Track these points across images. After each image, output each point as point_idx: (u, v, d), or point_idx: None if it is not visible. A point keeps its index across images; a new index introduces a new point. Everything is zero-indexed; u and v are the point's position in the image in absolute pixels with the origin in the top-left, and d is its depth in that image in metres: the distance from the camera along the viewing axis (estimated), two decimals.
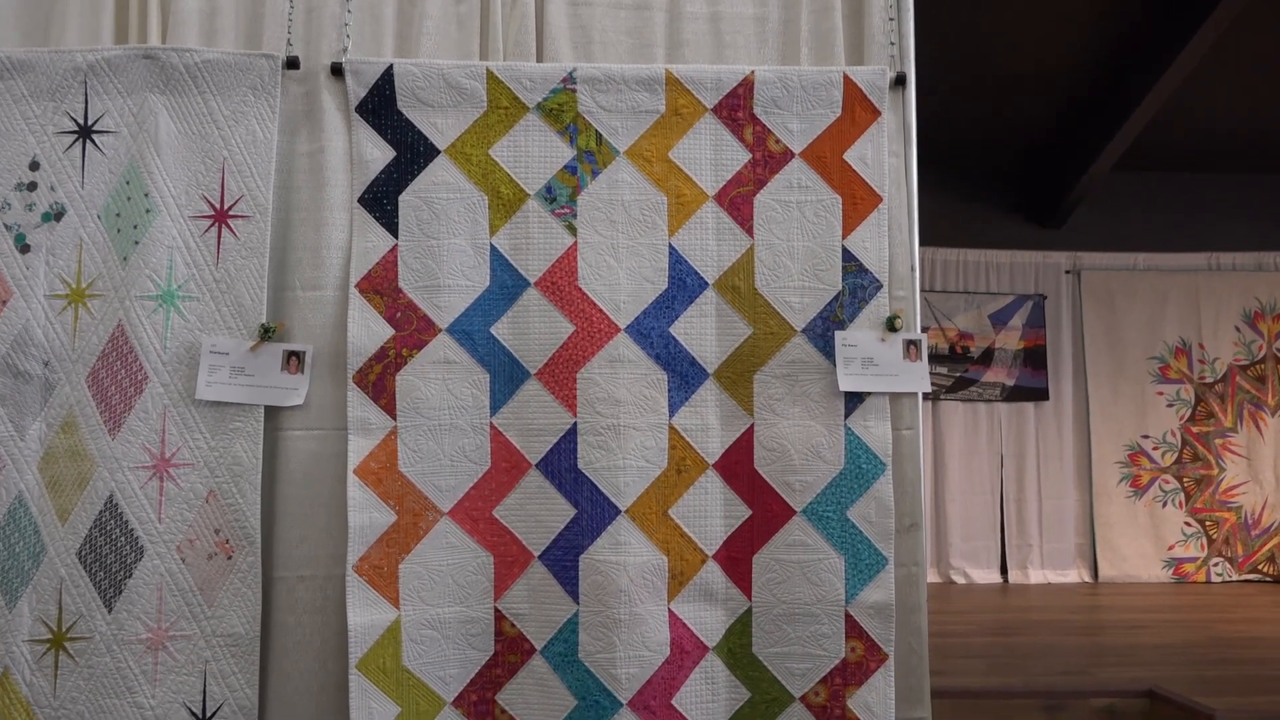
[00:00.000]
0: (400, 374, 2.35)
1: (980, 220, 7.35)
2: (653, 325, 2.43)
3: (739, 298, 2.45)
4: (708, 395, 2.43)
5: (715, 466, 2.44)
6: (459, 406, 2.37)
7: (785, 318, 2.46)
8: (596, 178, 2.43)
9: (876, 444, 2.42)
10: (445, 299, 2.38)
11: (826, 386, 2.43)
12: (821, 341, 2.44)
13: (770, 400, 2.43)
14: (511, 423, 2.40)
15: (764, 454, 2.43)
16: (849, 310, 2.46)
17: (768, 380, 2.44)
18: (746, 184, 2.47)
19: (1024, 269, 7.31)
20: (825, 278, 2.46)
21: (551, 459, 2.39)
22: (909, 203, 2.51)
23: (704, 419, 2.43)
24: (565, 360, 2.40)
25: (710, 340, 2.44)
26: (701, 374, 2.44)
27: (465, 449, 2.38)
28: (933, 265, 7.21)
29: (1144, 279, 7.23)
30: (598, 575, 2.34)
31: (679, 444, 2.43)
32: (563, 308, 2.40)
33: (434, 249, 2.37)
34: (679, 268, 2.43)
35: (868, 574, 2.39)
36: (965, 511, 7.09)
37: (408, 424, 2.35)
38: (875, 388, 2.41)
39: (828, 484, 2.41)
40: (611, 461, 2.37)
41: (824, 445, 2.41)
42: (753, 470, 2.44)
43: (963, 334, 7.20)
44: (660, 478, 2.41)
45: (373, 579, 2.30)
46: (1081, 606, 6.03)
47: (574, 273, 2.41)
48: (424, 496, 2.35)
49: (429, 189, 2.39)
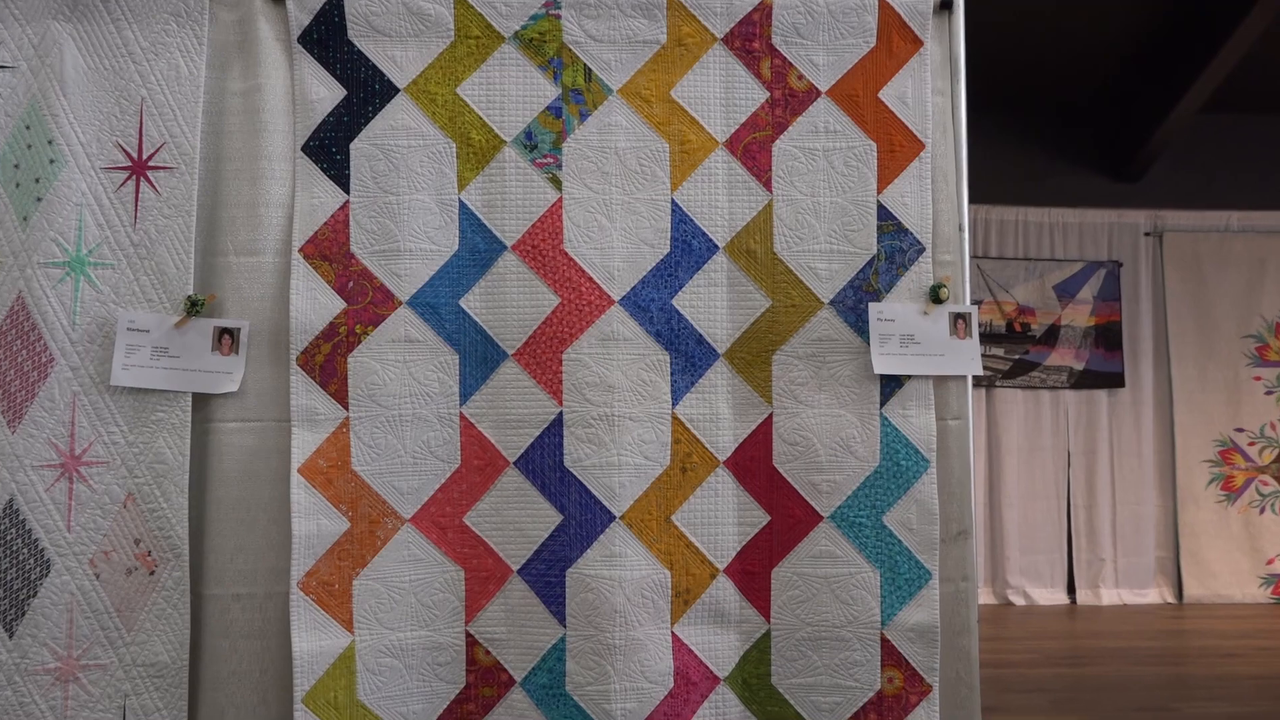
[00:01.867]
0: (353, 355, 2.35)
1: (1043, 173, 7.28)
2: (652, 296, 2.42)
3: (755, 264, 2.45)
4: (718, 379, 2.43)
5: (727, 464, 2.44)
6: (423, 393, 2.37)
7: (810, 287, 2.45)
8: (585, 121, 2.40)
9: (918, 437, 2.41)
10: (406, 266, 2.37)
11: (859, 369, 2.42)
12: (853, 315, 2.43)
13: (792, 385, 2.43)
14: (485, 413, 2.39)
15: (785, 449, 2.43)
16: (885, 278, 2.44)
17: (789, 361, 2.44)
18: (763, 128, 2.44)
19: (1095, 231, 7.29)
20: (857, 239, 2.44)
21: (533, 456, 2.38)
22: (957, 150, 2.49)
23: (713, 408, 2.43)
24: (549, 338, 2.39)
25: (721, 314, 2.44)
26: (710, 354, 2.44)
27: (430, 444, 2.38)
28: (986, 226, 7.19)
29: (1238, 242, 7.18)
30: (588, 593, 2.34)
31: (684, 437, 2.42)
32: (545, 276, 2.39)
33: (392, 206, 2.36)
34: (683, 228, 2.42)
35: (908, 591, 2.38)
36: (1025, 519, 7.06)
37: (362, 414, 2.35)
38: (917, 370, 2.40)
39: (860, 484, 2.41)
40: (604, 458, 2.37)
41: (856, 438, 2.40)
42: (771, 468, 2.44)
43: (1022, 308, 7.18)
44: (661, 478, 2.41)
45: (322, 598, 2.29)
46: (1163, 631, 6.02)
47: (559, 234, 2.40)
48: (382, 500, 2.35)
49: (386, 135, 2.37)
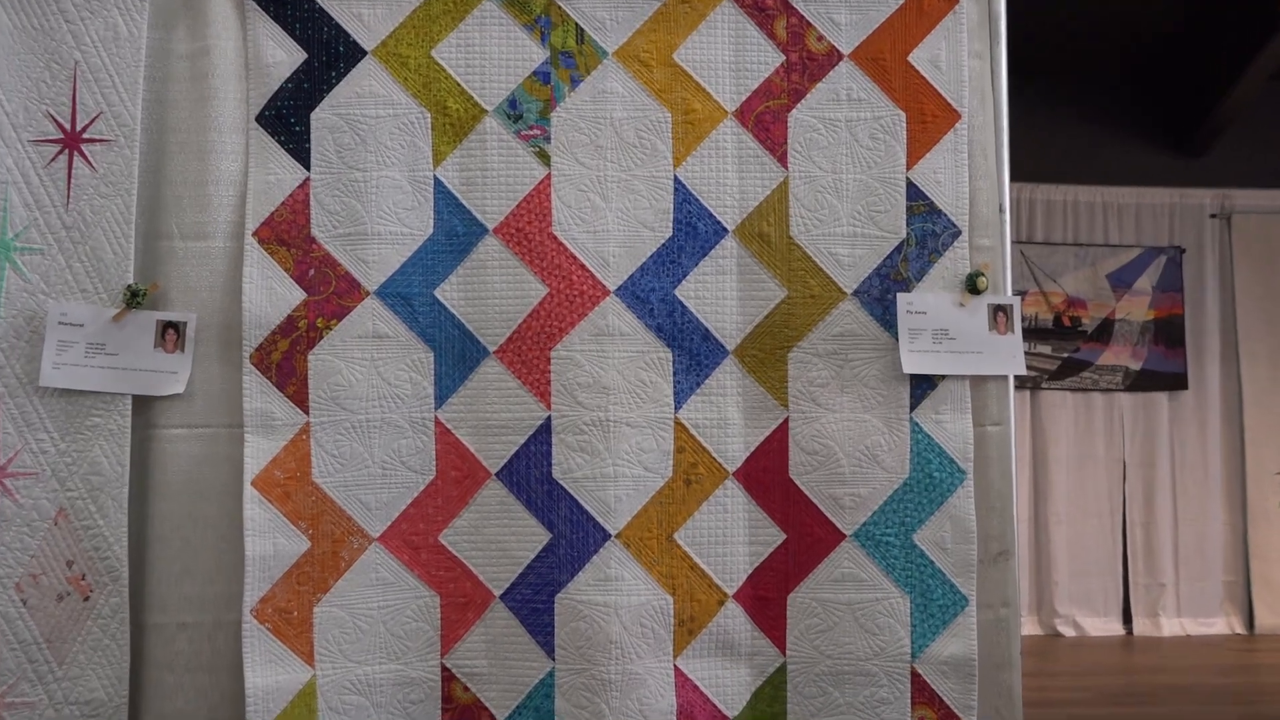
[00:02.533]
0: (314, 352, 2.37)
1: (1095, 147, 7.32)
2: (653, 286, 2.44)
3: (768, 249, 2.47)
4: (726, 380, 2.45)
5: (736, 475, 2.46)
6: (393, 396, 2.39)
7: (830, 276, 2.47)
8: (577, 88, 2.43)
9: (953, 445, 2.43)
10: (374, 251, 2.39)
11: (886, 367, 2.44)
12: (879, 308, 2.46)
13: (810, 386, 2.45)
14: (464, 418, 2.41)
15: (802, 459, 2.45)
16: (916, 265, 2.47)
17: (807, 359, 2.46)
18: (778, 96, 2.47)
19: (1154, 212, 7.33)
20: (884, 222, 2.47)
21: (517, 466, 2.41)
22: (996, 121, 2.50)
23: (721, 412, 2.45)
24: (535, 333, 2.41)
25: (730, 306, 2.46)
26: (718, 351, 2.46)
27: (402, 453, 2.40)
28: (1030, 207, 7.23)
29: None
30: (580, 621, 2.36)
31: (688, 445, 2.45)
32: (532, 263, 2.41)
33: (358, 184, 2.38)
34: (687, 209, 2.44)
35: (941, 619, 2.40)
36: (1075, 538, 7.09)
37: (324, 419, 2.36)
38: (951, 369, 2.42)
39: (888, 498, 2.43)
40: (597, 469, 2.39)
41: (882, 447, 2.42)
42: (787, 480, 2.46)
43: (1072, 300, 7.22)
44: (663, 491, 2.43)
45: (278, 627, 2.31)
46: (1232, 666, 6.05)
47: (547, 215, 2.41)
48: (347, 516, 2.37)
49: (351, 104, 2.39)
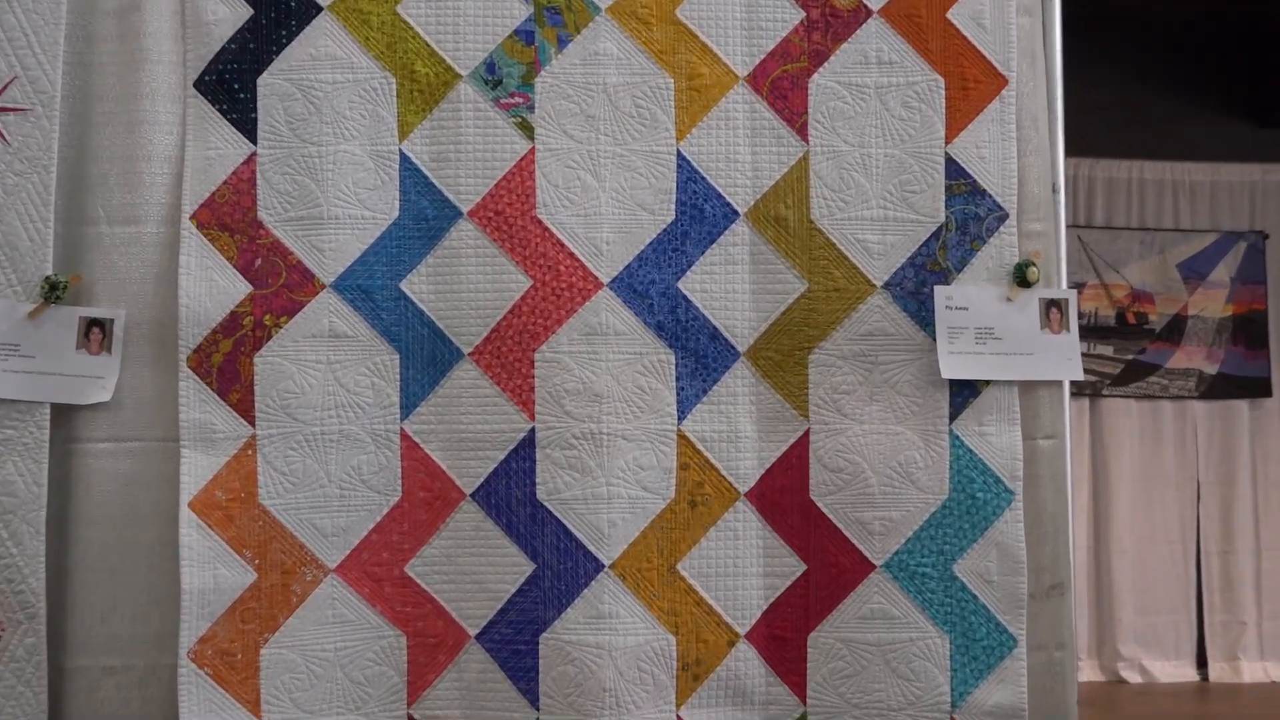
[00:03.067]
0: (261, 354, 2.32)
1: (1163, 116, 7.13)
2: (652, 278, 2.39)
3: (786, 235, 2.41)
4: (738, 386, 2.41)
5: (749, 497, 2.41)
6: (353, 404, 2.35)
7: (858, 265, 2.41)
8: (565, 49, 2.38)
9: (999, 461, 2.38)
10: (331, 238, 2.34)
11: (921, 372, 2.40)
12: (914, 303, 2.40)
13: (834, 394, 2.40)
14: (434, 430, 2.37)
15: (825, 477, 2.40)
16: (956, 254, 2.41)
17: (831, 362, 2.41)
18: (797, 58, 2.42)
19: (1233, 192, 7.15)
20: (919, 204, 2.42)
21: (496, 486, 2.37)
22: (1049, 88, 2.46)
23: (732, 423, 2.41)
24: (517, 332, 2.37)
25: (742, 301, 2.42)
26: (728, 353, 2.42)
27: (362, 470, 2.35)
28: (1089, 185, 7.05)
29: None
30: (568, 665, 2.32)
31: (693, 462, 2.40)
32: (512, 251, 2.37)
33: (312, 160, 2.34)
34: (693, 189, 2.39)
35: (986, 662, 2.37)
36: (1140, 569, 6.92)
37: (273, 432, 2.32)
38: (997, 373, 2.37)
39: (924, 523, 2.39)
40: (589, 489, 2.35)
41: (918, 463, 2.38)
42: (807, 502, 2.41)
43: (1137, 293, 7.05)
44: (664, 514, 2.39)
45: (220, 671, 2.27)
46: None
47: (530, 197, 2.37)
48: (299, 544, 2.32)
49: (305, 67, 2.34)
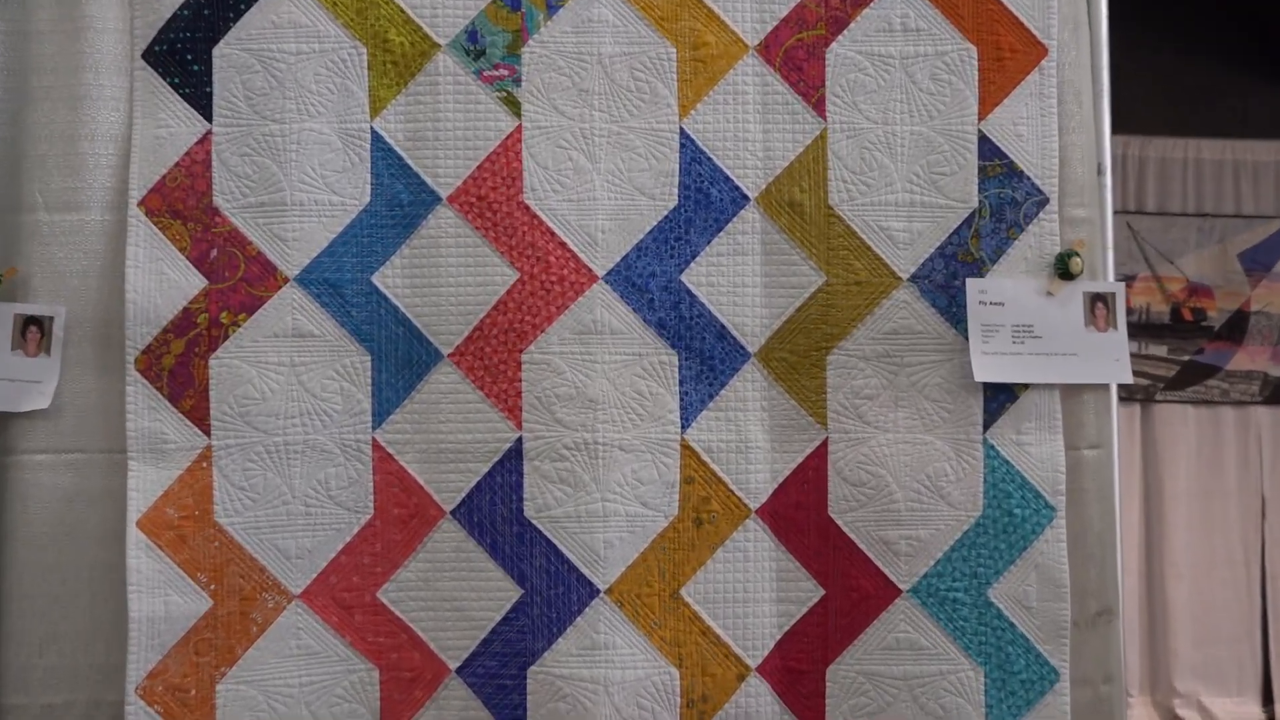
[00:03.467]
0: (218, 356, 2.24)
1: (1222, 89, 7.08)
2: (653, 270, 2.31)
3: (802, 222, 2.32)
4: (748, 390, 2.33)
5: (761, 514, 2.31)
6: (319, 412, 2.26)
7: (881, 256, 2.32)
8: (555, 15, 2.31)
9: (1039, 474, 2.30)
10: (295, 226, 2.26)
11: (953, 374, 2.31)
12: (943, 297, 2.31)
13: (856, 399, 2.31)
14: (410, 440, 2.28)
15: (846, 492, 2.31)
16: (991, 242, 2.32)
17: (852, 364, 2.32)
18: (813, 25, 2.34)
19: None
20: (950, 187, 2.32)
21: (478, 502, 2.28)
22: (1094, 58, 2.40)
23: (742, 432, 2.32)
24: (502, 331, 2.28)
25: (752, 295, 2.33)
26: (737, 354, 2.33)
27: (330, 485, 2.26)
28: (1139, 167, 6.90)
29: None
30: (559, 702, 2.25)
31: (699, 475, 2.31)
32: (497, 241, 2.28)
33: (275, 140, 2.27)
34: (698, 170, 2.31)
35: (1025, 697, 2.29)
36: (1199, 594, 6.72)
37: (231, 442, 2.24)
38: (1037, 376, 2.29)
39: (955, 543, 2.30)
40: (583, 506, 2.27)
41: (949, 477, 2.29)
42: (826, 520, 2.31)
43: (1194, 286, 6.84)
44: (666, 534, 2.30)
45: (171, 709, 2.20)
46: None
47: (517, 180, 2.29)
48: (260, 567, 2.25)
49: (266, 36, 2.28)
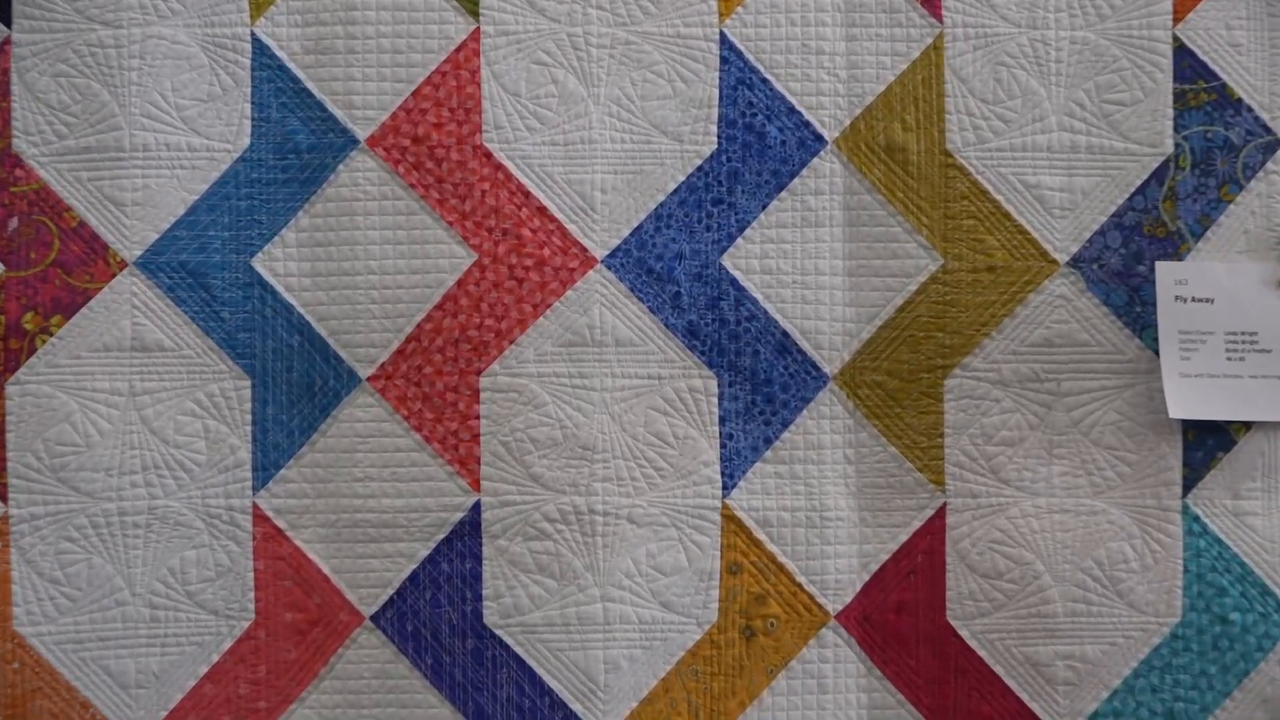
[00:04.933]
0: (18, 380, 1.86)
1: None
2: (680, 250, 1.86)
3: (905, 177, 1.86)
4: (825, 432, 1.86)
5: (845, 619, 1.85)
6: (172, 464, 1.84)
7: (1026, 228, 1.86)
8: None
9: (1269, 559, 1.91)
10: (137, 184, 1.86)
11: (1135, 407, 1.87)
12: (1121, 289, 1.85)
13: (989, 446, 1.86)
14: (310, 508, 1.84)
15: (974, 587, 1.84)
16: (1193, 208, 1.89)
17: (983, 393, 1.86)
18: None
19: None
20: (1131, 124, 1.87)
21: (414, 603, 1.83)
22: None
23: (815, 495, 1.85)
24: (450, 342, 1.84)
25: (831, 289, 1.86)
26: (809, 376, 1.87)
27: (189, 576, 1.84)
28: None
29: None
30: None
31: (751, 561, 1.85)
32: (443, 205, 1.85)
33: (106, 53, 1.90)
34: (748, 98, 1.87)
35: None
36: None
37: (39, 511, 1.85)
38: (1266, 412, 1.88)
39: (1141, 664, 1.86)
40: (573, 608, 1.84)
41: (1130, 563, 1.84)
42: (943, 629, 1.85)
43: None
44: (701, 650, 1.83)
45: None
46: None
47: (473, 112, 1.86)
48: (82, 702, 1.89)
49: None
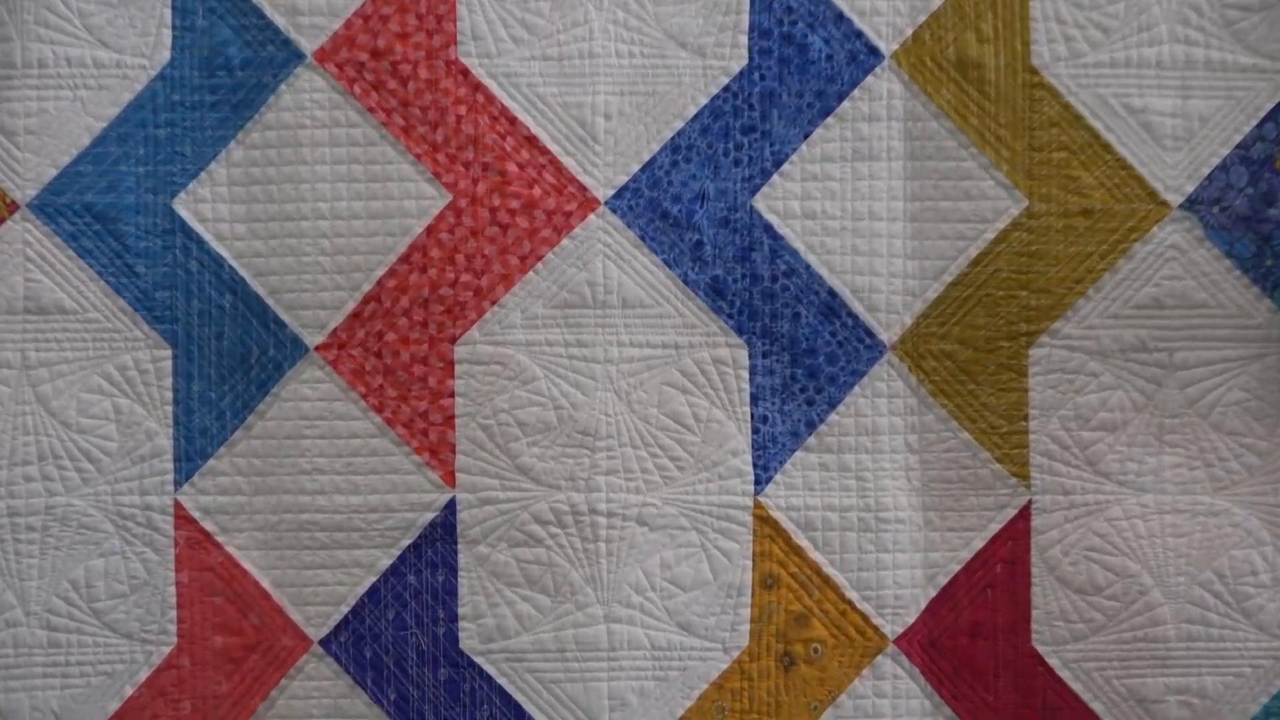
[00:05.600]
0: None
1: None
2: (701, 189, 1.67)
3: (981, 99, 1.68)
4: (882, 413, 1.67)
5: (907, 643, 1.65)
6: (75, 454, 1.69)
7: (1129, 162, 1.66)
8: None
9: None
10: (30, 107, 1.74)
11: (1266, 384, 1.71)
12: (1247, 240, 1.68)
13: (1084, 431, 1.67)
14: (246, 507, 1.67)
15: (1066, 604, 1.65)
16: None
17: (1076, 364, 1.66)
18: None
19: None
20: (1258, 34, 1.71)
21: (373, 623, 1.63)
22: None
23: (870, 492, 1.67)
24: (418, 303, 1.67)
25: (889, 237, 1.67)
26: (862, 344, 1.68)
27: (96, 591, 1.68)
28: None
29: None
30: None
31: (790, 572, 1.66)
32: (410, 135, 1.69)
33: None
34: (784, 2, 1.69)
35: None
36: None
37: None
38: None
39: (1271, 701, 1.66)
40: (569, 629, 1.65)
41: (1258, 575, 1.66)
42: (1028, 657, 1.65)
43: None
44: (728, 682, 1.64)
45: None
46: None
47: (446, 20, 1.72)
48: None
49: None
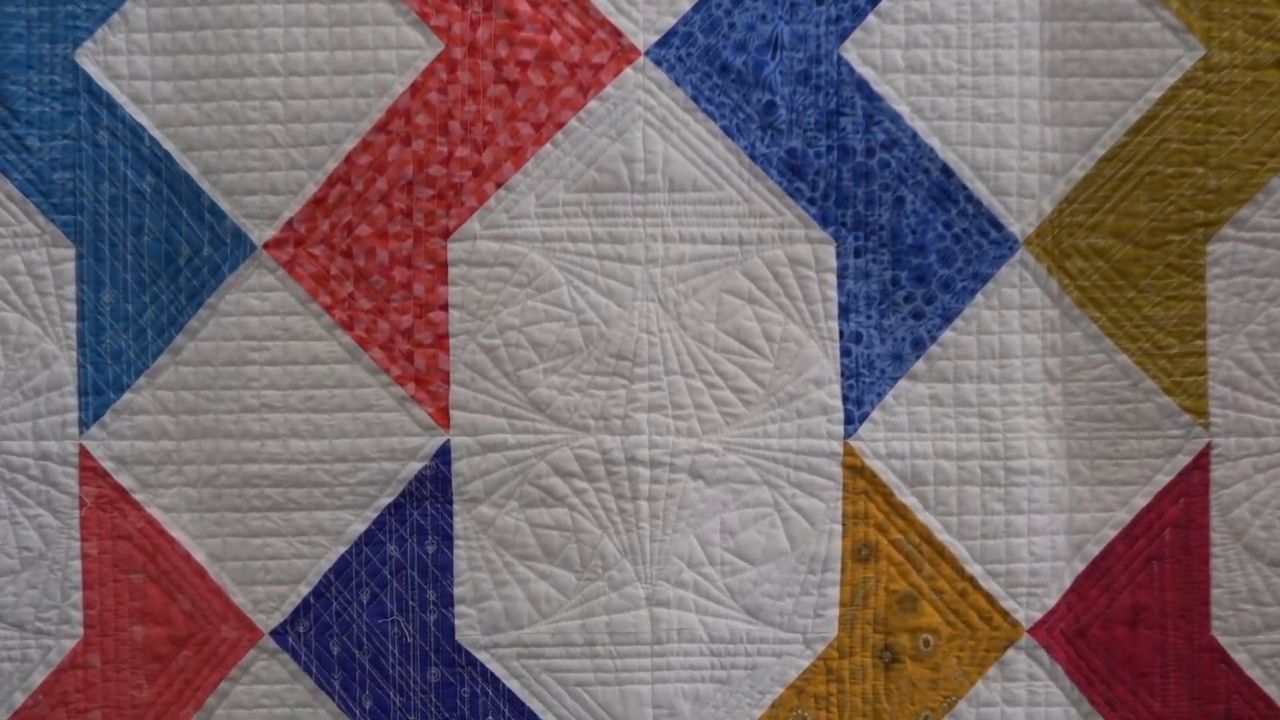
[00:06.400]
0: None
1: None
2: (774, 34, 1.43)
3: None
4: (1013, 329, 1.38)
5: (1044, 633, 1.38)
6: None
7: None
8: None
9: None
10: None
11: None
12: None
13: (1278, 353, 1.37)
14: (173, 455, 1.40)
15: (1256, 583, 1.36)
16: None
17: (1273, 260, 1.36)
18: None
19: None
20: None
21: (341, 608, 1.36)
22: None
23: (997, 434, 1.38)
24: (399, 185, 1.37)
25: (1018, 98, 1.39)
26: (986, 238, 1.40)
27: None
28: None
29: None
30: None
31: (892, 538, 1.38)
32: None
33: None
34: None
35: None
36: None
37: None
38: None
39: None
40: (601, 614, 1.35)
41: None
42: (1206, 649, 1.37)
43: None
44: (811, 683, 1.36)
45: None
46: None
47: None
48: None
49: None
